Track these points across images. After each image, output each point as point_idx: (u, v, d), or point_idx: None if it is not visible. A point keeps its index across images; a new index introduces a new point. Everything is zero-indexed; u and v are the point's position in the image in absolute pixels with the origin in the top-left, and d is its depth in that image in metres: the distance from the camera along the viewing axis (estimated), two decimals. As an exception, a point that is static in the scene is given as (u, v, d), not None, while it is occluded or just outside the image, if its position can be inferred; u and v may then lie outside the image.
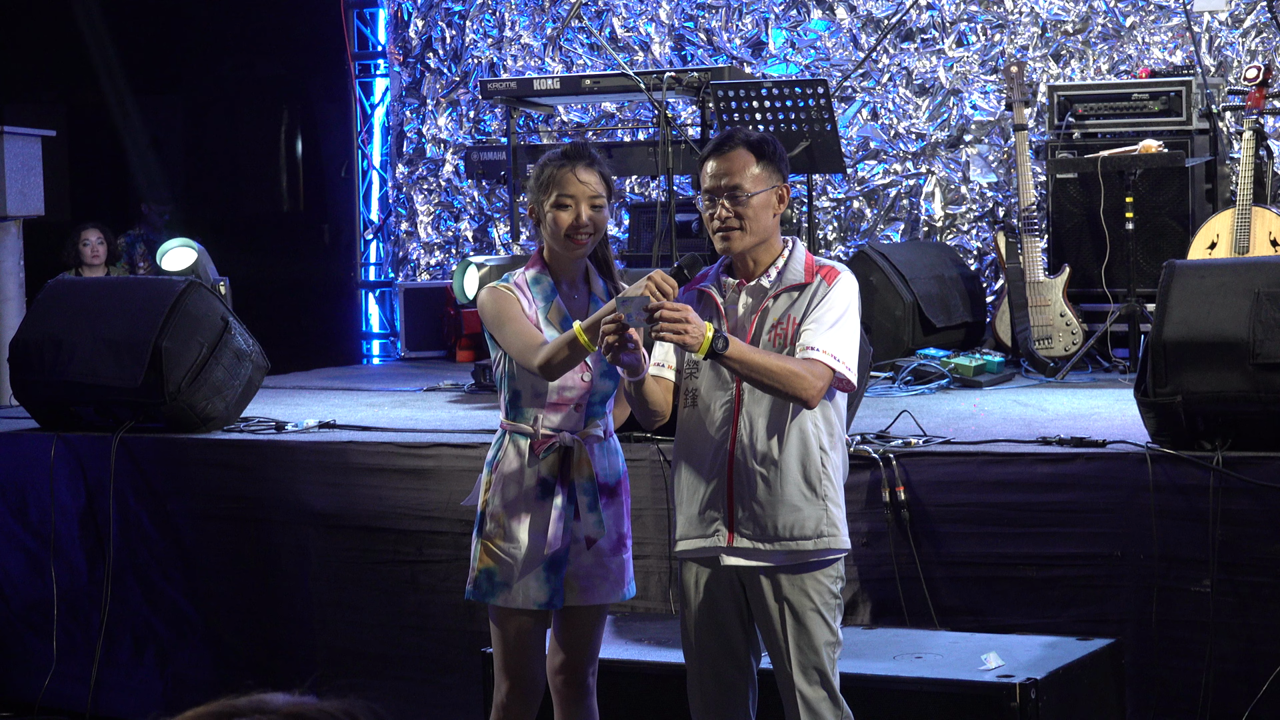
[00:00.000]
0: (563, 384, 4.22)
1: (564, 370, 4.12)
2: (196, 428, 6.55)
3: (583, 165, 4.22)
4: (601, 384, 4.25)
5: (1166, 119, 8.40)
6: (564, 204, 4.20)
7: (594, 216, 4.20)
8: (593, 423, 4.26)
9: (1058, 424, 6.16)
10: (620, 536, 4.30)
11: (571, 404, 4.24)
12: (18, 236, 8.39)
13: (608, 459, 4.30)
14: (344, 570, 6.21)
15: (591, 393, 4.25)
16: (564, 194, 4.20)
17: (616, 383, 4.24)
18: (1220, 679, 5.12)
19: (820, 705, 3.97)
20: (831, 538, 3.98)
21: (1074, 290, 8.30)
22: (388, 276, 11.50)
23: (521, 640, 4.28)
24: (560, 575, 4.23)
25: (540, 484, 4.23)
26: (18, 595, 6.73)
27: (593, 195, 4.20)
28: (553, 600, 4.24)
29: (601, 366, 4.21)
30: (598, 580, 4.27)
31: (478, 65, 10.97)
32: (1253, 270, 5.44)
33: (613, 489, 4.30)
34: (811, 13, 10.06)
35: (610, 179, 4.28)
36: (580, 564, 4.26)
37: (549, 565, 4.23)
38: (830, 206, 10.03)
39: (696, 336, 3.78)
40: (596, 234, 4.23)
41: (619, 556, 4.30)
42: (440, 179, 11.19)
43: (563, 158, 4.25)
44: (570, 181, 4.20)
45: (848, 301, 3.99)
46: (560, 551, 4.23)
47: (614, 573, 4.29)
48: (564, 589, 4.25)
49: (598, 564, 4.26)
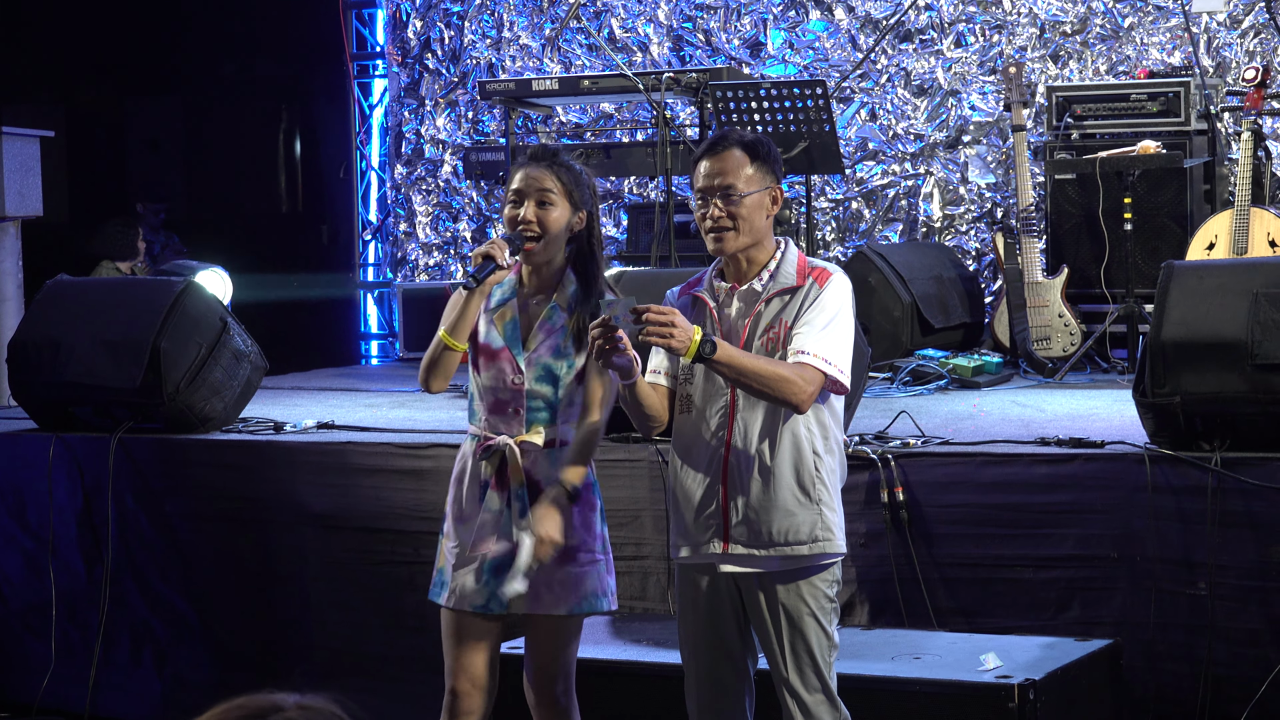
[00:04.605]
0: (495, 385, 4.20)
1: (439, 374, 4.15)
2: (195, 428, 6.55)
3: (538, 164, 4.19)
4: (538, 388, 4.17)
5: (1165, 120, 8.40)
6: (512, 199, 4.20)
7: (540, 214, 4.16)
8: (534, 429, 4.18)
9: (1056, 425, 6.16)
10: (567, 549, 4.14)
11: (508, 407, 4.19)
12: (16, 237, 8.39)
13: (557, 468, 4.16)
14: (342, 571, 6.21)
15: (527, 396, 4.17)
16: (513, 189, 4.21)
17: (560, 389, 4.17)
18: (1218, 681, 5.12)
19: (818, 708, 3.97)
20: (826, 542, 3.97)
21: (1072, 291, 8.30)
22: (386, 277, 11.50)
23: (458, 642, 4.26)
24: (500, 580, 4.18)
25: (481, 486, 4.21)
26: (16, 596, 6.72)
27: (541, 190, 4.16)
28: (489, 604, 4.20)
29: (536, 370, 4.16)
30: (541, 589, 4.17)
31: (476, 66, 10.97)
32: (1251, 271, 5.44)
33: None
34: (810, 13, 10.06)
35: (573, 183, 4.21)
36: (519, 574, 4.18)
37: (490, 569, 4.20)
38: (829, 207, 10.03)
39: (683, 340, 3.76)
40: (546, 234, 4.17)
41: (567, 568, 4.17)
42: (439, 180, 11.19)
43: (525, 157, 4.25)
44: (520, 178, 4.20)
45: (840, 303, 3.96)
46: (502, 556, 4.18)
47: (560, 584, 4.17)
48: (504, 596, 4.18)
49: (542, 573, 4.15)
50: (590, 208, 4.26)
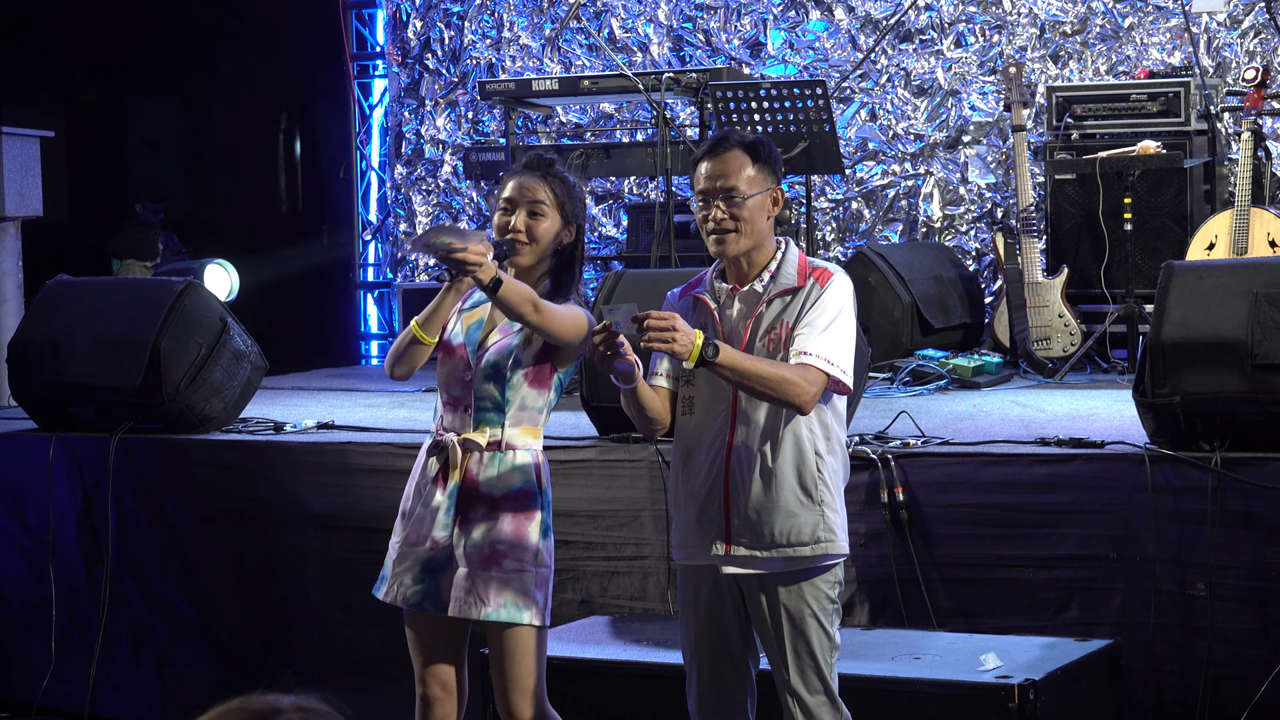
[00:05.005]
0: (448, 381, 4.21)
1: (404, 362, 4.21)
2: (195, 428, 6.55)
3: (533, 174, 4.20)
4: (484, 386, 4.15)
5: (1165, 120, 8.40)
6: (503, 206, 4.21)
7: (530, 224, 4.16)
8: (481, 428, 4.16)
9: (1056, 425, 6.16)
10: (495, 554, 4.10)
11: (460, 404, 4.19)
12: (16, 237, 8.39)
13: (497, 470, 4.15)
14: (342, 571, 6.21)
15: (476, 395, 4.17)
16: (505, 196, 4.21)
17: (509, 390, 4.15)
18: (1218, 681, 5.12)
19: (819, 710, 3.96)
20: (829, 543, 3.96)
21: (1072, 291, 8.30)
22: (386, 277, 11.50)
23: (419, 644, 4.27)
24: (435, 579, 4.18)
25: (428, 482, 4.21)
26: (16, 596, 6.72)
27: (533, 200, 4.16)
28: (424, 603, 4.20)
29: (484, 370, 4.16)
30: (462, 593, 4.13)
31: (476, 66, 10.97)
32: (1251, 271, 5.44)
33: (495, 501, 4.14)
34: (810, 14, 10.06)
35: (566, 195, 4.20)
36: (453, 573, 4.17)
37: (425, 566, 4.19)
38: (829, 207, 10.03)
39: (685, 345, 3.74)
40: (534, 244, 4.17)
41: (489, 573, 4.11)
42: (439, 180, 11.19)
43: (521, 165, 4.25)
44: (513, 186, 4.20)
45: (841, 303, 3.95)
46: (437, 555, 4.17)
47: (480, 588, 4.11)
48: (440, 595, 4.18)
49: (465, 576, 4.13)
50: (580, 221, 4.26)
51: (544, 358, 4.17)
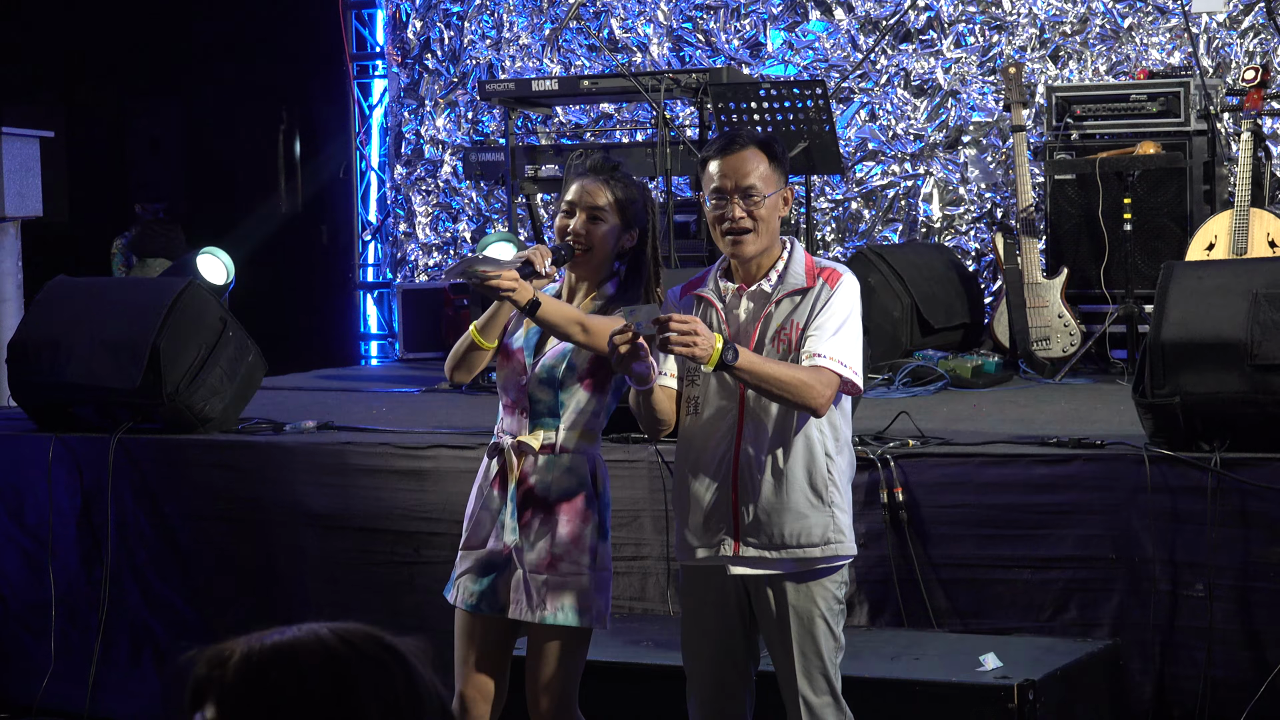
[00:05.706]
0: (507, 385, 4.22)
1: (462, 366, 4.21)
2: (194, 429, 6.55)
3: (595, 178, 4.20)
4: (539, 390, 4.17)
5: (1164, 120, 8.40)
6: (565, 209, 4.22)
7: (589, 228, 4.17)
8: (536, 432, 4.17)
9: (1055, 425, 6.16)
10: (553, 558, 4.12)
11: (516, 408, 4.21)
12: (16, 238, 8.39)
13: (552, 474, 4.16)
14: (342, 571, 6.21)
15: (530, 399, 4.18)
16: (567, 199, 4.22)
17: (563, 394, 4.16)
18: (1216, 682, 5.12)
19: (824, 710, 3.96)
20: (838, 544, 3.96)
21: (1072, 291, 8.30)
22: (386, 277, 11.50)
23: (463, 644, 4.26)
24: (491, 580, 4.19)
25: (488, 485, 4.23)
26: (15, 597, 6.72)
27: (592, 206, 4.17)
28: (480, 604, 4.21)
29: (539, 374, 4.17)
30: (522, 596, 4.15)
31: (476, 66, 10.97)
32: (1251, 271, 5.44)
33: (550, 505, 4.15)
34: (810, 14, 10.07)
35: (628, 199, 4.20)
36: (511, 575, 4.18)
37: (484, 567, 4.21)
38: (828, 207, 10.03)
39: (706, 349, 3.72)
40: (593, 250, 4.17)
41: (543, 575, 4.12)
42: (438, 180, 11.19)
43: (585, 168, 4.25)
44: (575, 190, 4.21)
45: (851, 304, 3.95)
46: (494, 557, 4.19)
47: (535, 592, 4.13)
48: (496, 597, 4.19)
49: (522, 579, 4.14)
50: (644, 225, 4.24)
51: (600, 363, 4.15)
